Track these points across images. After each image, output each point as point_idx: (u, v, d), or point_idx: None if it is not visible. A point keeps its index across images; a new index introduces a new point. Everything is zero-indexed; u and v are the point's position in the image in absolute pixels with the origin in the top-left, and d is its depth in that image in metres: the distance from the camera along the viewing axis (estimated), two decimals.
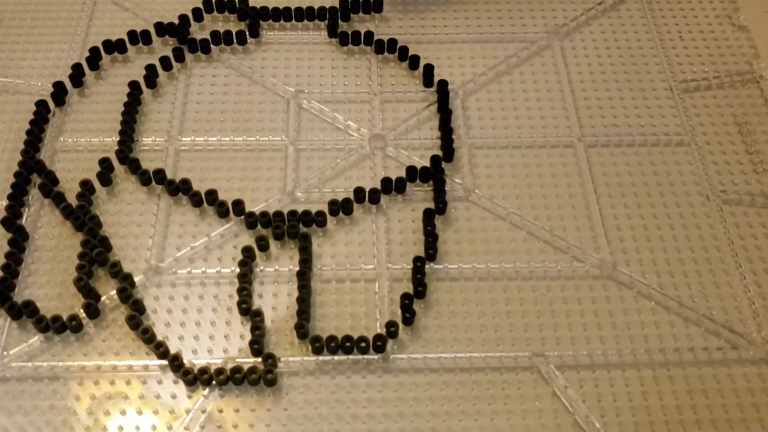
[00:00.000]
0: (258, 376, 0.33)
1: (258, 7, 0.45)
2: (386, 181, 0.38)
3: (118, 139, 0.40)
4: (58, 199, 0.38)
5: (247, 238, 0.37)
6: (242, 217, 0.38)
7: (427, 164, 0.39)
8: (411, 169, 0.39)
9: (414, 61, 0.43)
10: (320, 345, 0.33)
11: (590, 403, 0.33)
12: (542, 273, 0.36)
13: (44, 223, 0.38)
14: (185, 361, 0.33)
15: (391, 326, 0.34)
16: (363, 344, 0.33)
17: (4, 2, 0.47)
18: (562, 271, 0.36)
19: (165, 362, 0.33)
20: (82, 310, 0.34)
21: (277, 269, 0.36)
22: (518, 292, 0.36)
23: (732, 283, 0.36)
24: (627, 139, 0.41)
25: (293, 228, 0.37)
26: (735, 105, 0.43)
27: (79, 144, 0.41)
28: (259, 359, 0.33)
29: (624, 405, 0.33)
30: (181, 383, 0.33)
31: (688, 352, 0.34)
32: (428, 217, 0.37)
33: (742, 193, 0.39)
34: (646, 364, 0.34)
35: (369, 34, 0.44)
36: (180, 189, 0.38)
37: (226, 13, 0.46)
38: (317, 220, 0.37)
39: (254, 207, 0.38)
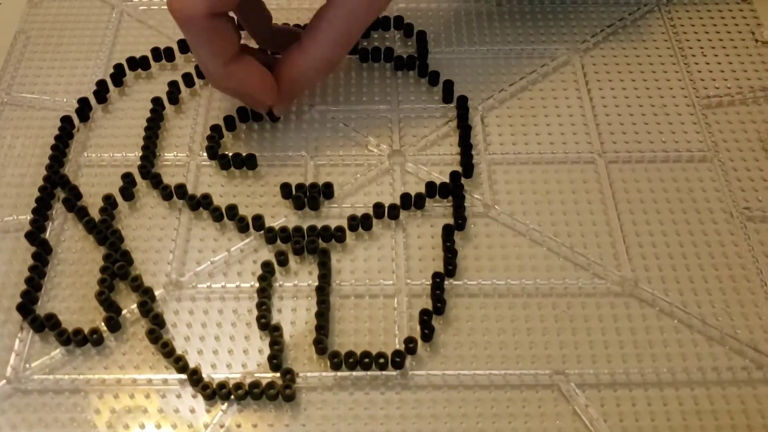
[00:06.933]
0: (276, 392, 0.32)
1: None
2: (405, 196, 0.38)
3: (140, 154, 0.41)
4: (81, 214, 0.38)
5: (267, 253, 0.37)
6: (262, 232, 0.38)
7: (447, 180, 0.39)
8: (430, 185, 0.39)
9: (434, 77, 0.44)
10: (339, 360, 0.33)
11: (611, 423, 0.32)
12: (562, 290, 0.36)
13: (67, 237, 0.38)
14: (204, 375, 0.33)
15: (409, 342, 0.34)
16: (381, 360, 0.33)
17: (31, 20, 0.48)
18: (582, 288, 0.36)
19: (184, 376, 0.33)
20: (103, 324, 0.35)
21: (296, 284, 0.36)
22: (538, 309, 0.35)
23: (757, 301, 0.35)
24: (648, 155, 0.41)
25: (312, 243, 0.37)
26: (758, 121, 0.42)
27: (103, 159, 0.41)
28: (278, 374, 0.33)
29: (646, 425, 0.32)
30: (200, 397, 0.33)
31: (712, 372, 0.33)
32: (447, 232, 0.37)
33: (767, 210, 0.38)
34: (668, 383, 0.33)
35: (389, 51, 0.44)
36: (201, 204, 0.39)
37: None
38: (336, 235, 0.37)
39: (274, 222, 0.38)
